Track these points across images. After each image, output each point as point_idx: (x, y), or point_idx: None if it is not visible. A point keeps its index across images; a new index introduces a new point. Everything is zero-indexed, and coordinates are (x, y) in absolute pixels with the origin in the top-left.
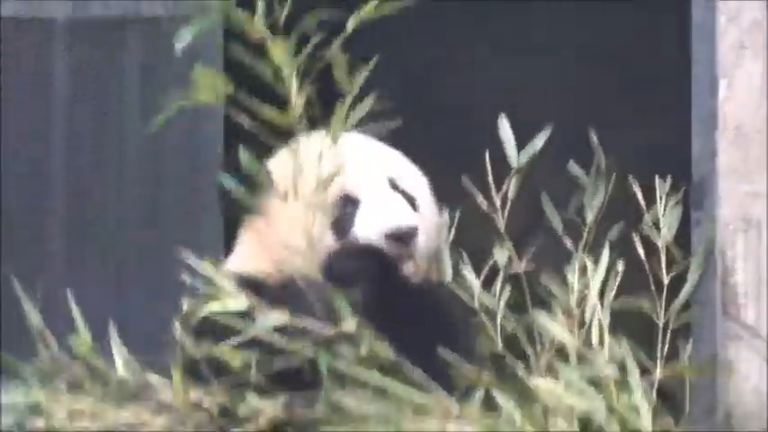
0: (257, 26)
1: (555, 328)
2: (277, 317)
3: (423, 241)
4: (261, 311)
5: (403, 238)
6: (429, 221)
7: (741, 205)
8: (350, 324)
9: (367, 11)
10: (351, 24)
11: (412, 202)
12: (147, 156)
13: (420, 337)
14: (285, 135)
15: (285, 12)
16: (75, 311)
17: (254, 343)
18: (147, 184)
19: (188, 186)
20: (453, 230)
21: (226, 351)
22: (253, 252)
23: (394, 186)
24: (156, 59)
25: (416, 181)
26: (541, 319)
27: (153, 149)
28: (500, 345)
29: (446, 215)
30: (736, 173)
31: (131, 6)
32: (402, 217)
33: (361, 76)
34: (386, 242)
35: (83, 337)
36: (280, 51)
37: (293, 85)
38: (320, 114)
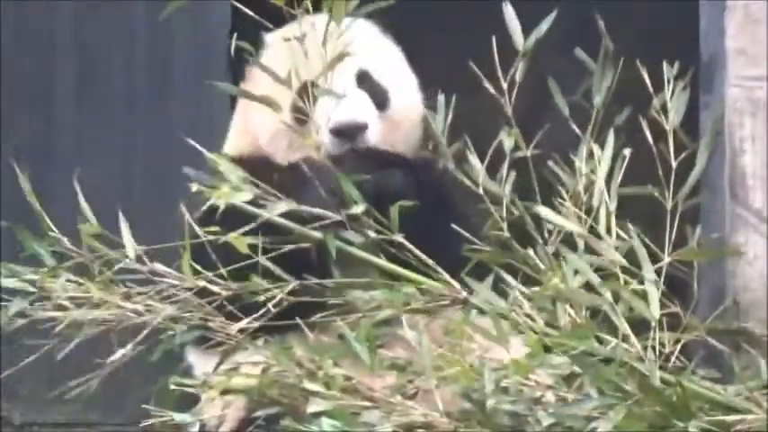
0: None
1: (558, 219)
2: (284, 205)
3: (375, 135)
4: (267, 199)
5: (345, 133)
6: (404, 113)
7: (748, 87)
8: (358, 208)
9: None
10: None
11: (382, 95)
12: (158, 43)
13: (422, 217)
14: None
15: None
16: (82, 199)
17: (262, 229)
18: (158, 70)
19: (198, 73)
20: (450, 116)
21: (233, 237)
22: (241, 133)
23: (364, 79)
24: None
25: (397, 75)
26: (544, 211)
27: (164, 38)
28: (506, 231)
29: (442, 102)
30: (744, 54)
31: None
32: (350, 113)
33: None
34: (330, 137)
35: (89, 224)
36: None
37: None
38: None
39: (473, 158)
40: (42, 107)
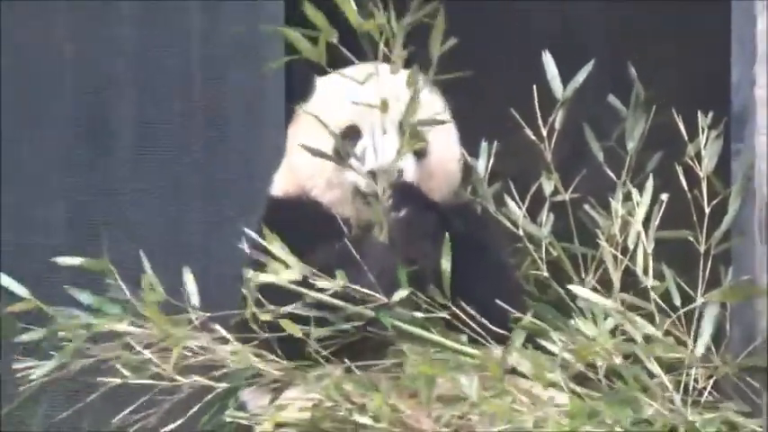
0: None
1: (589, 295)
2: (333, 283)
3: (410, 178)
4: (317, 277)
5: (380, 175)
6: (444, 162)
7: None
8: (402, 293)
9: None
10: None
11: (422, 140)
12: (214, 86)
13: (470, 268)
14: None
15: None
16: (148, 267)
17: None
18: (214, 112)
19: (253, 115)
20: (492, 162)
21: (286, 323)
22: (287, 174)
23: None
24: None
25: (438, 126)
26: (577, 290)
27: (220, 80)
28: (545, 271)
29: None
30: None
31: None
32: (387, 157)
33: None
34: (366, 178)
35: (153, 294)
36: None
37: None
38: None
39: (511, 202)
40: (101, 147)
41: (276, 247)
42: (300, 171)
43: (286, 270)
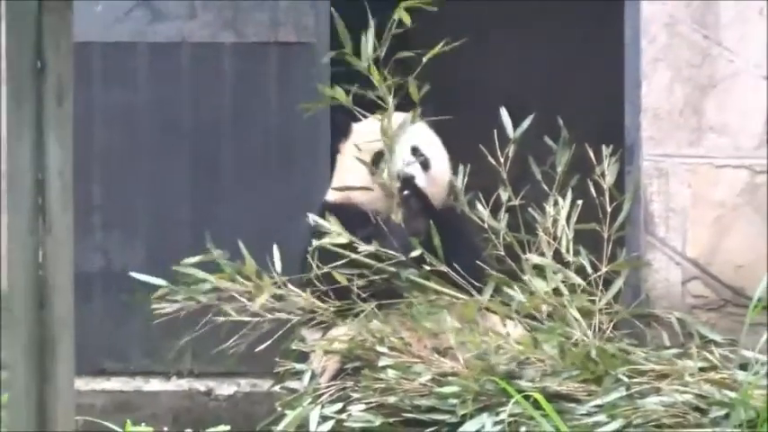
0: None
1: (539, 259)
2: (369, 247)
3: (423, 184)
4: (358, 243)
5: (404, 179)
6: (439, 175)
7: (655, 161)
8: (417, 251)
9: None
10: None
11: (425, 162)
12: (285, 119)
13: (455, 246)
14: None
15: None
16: (243, 249)
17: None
18: (284, 140)
19: (312, 144)
20: (466, 179)
21: (338, 275)
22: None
23: (415, 151)
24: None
25: (434, 150)
26: (531, 257)
27: (290, 115)
28: (502, 251)
29: (462, 170)
30: (653, 140)
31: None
32: (405, 170)
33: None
34: (393, 181)
35: (250, 264)
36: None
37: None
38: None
39: (479, 206)
40: (191, 165)
41: (333, 222)
42: (347, 182)
43: (339, 236)
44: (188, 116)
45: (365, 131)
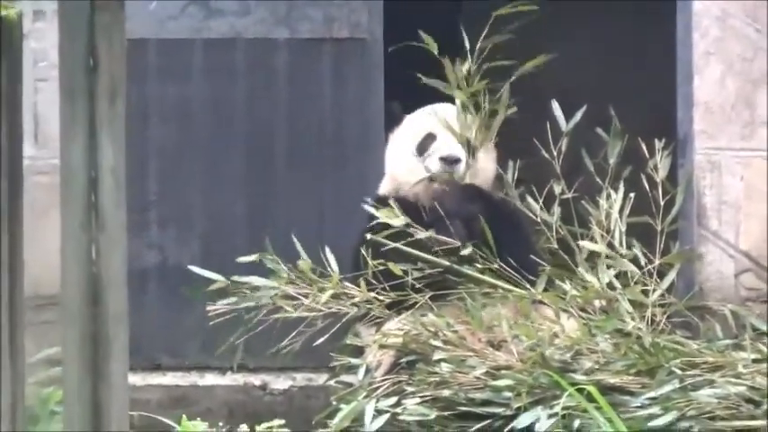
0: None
1: (593, 246)
2: (424, 234)
3: (463, 168)
4: (414, 231)
5: (448, 161)
6: (482, 167)
7: (708, 154)
8: (467, 250)
9: None
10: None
11: (473, 149)
12: (341, 114)
13: (508, 238)
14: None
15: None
16: (300, 248)
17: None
18: (341, 134)
19: (366, 137)
20: (517, 173)
21: (394, 267)
22: (388, 179)
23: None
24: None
25: (482, 143)
26: (585, 244)
27: (346, 110)
28: (555, 244)
29: (512, 164)
30: (705, 133)
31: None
32: (452, 150)
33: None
34: (439, 162)
35: (307, 264)
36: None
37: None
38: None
39: (530, 199)
40: (245, 161)
41: (387, 211)
42: (397, 173)
43: (395, 219)
44: (242, 112)
45: (417, 121)
